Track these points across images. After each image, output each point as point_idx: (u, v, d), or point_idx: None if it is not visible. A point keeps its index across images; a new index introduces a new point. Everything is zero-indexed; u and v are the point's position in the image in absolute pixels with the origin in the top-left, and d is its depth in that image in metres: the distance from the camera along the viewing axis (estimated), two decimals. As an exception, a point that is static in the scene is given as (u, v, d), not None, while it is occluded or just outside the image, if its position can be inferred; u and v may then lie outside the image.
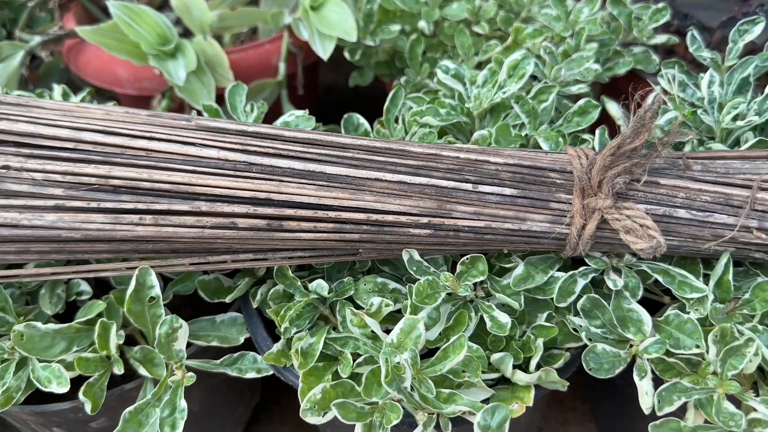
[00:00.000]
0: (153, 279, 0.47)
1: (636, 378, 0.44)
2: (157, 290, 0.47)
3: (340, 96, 1.14)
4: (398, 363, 0.41)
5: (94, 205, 0.45)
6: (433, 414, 0.43)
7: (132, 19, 0.63)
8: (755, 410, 0.42)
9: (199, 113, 0.61)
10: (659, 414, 0.42)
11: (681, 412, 0.45)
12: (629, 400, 0.45)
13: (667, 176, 0.44)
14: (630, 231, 0.41)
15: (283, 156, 0.46)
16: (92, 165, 0.46)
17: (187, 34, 0.74)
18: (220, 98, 0.68)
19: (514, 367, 0.46)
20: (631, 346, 0.45)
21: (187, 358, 0.48)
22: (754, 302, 0.45)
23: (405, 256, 0.47)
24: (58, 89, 0.61)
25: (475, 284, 0.48)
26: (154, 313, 0.47)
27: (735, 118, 0.56)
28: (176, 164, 0.45)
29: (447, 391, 0.43)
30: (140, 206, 0.45)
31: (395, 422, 0.41)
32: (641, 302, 0.47)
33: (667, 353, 0.44)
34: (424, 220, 0.45)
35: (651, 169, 0.44)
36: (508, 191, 0.45)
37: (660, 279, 0.46)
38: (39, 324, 0.47)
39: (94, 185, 0.45)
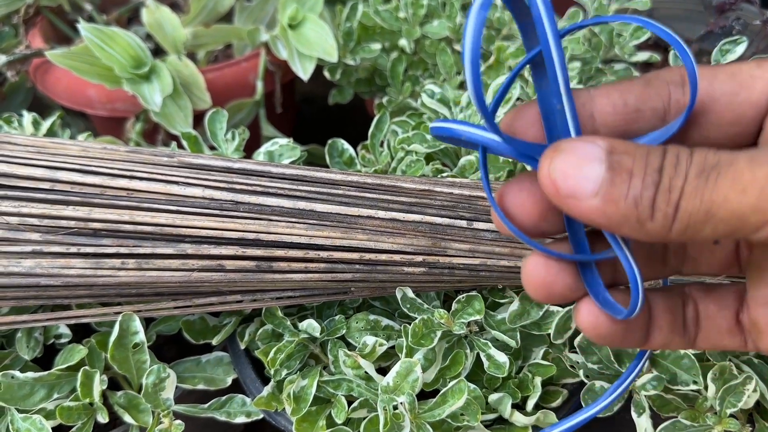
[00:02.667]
0: (137, 325, 0.45)
1: (634, 415, 0.43)
2: (141, 336, 0.45)
3: (319, 107, 1.12)
4: (396, 409, 0.40)
5: (73, 249, 0.43)
6: (432, 459, 0.42)
7: (104, 41, 0.61)
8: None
9: (177, 139, 0.59)
10: (659, 454, 0.42)
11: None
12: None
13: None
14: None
15: (272, 194, 0.44)
16: (70, 207, 0.43)
17: (158, 50, 0.72)
18: (197, 120, 0.65)
19: (513, 405, 0.45)
20: (628, 381, 0.45)
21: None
22: (749, 335, 0.45)
23: (399, 294, 0.46)
24: (28, 117, 0.58)
25: (469, 321, 0.47)
26: (138, 359, 0.45)
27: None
28: (159, 204, 0.44)
29: (446, 435, 0.42)
30: (122, 250, 0.43)
31: (395, 471, 0.40)
32: (636, 334, 0.46)
33: (665, 389, 0.44)
34: (419, 258, 0.44)
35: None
36: (502, 227, 0.44)
37: (656, 314, 0.45)
38: (17, 372, 0.44)
39: (72, 228, 0.43)
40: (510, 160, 0.56)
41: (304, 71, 0.66)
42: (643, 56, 0.71)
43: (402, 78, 0.71)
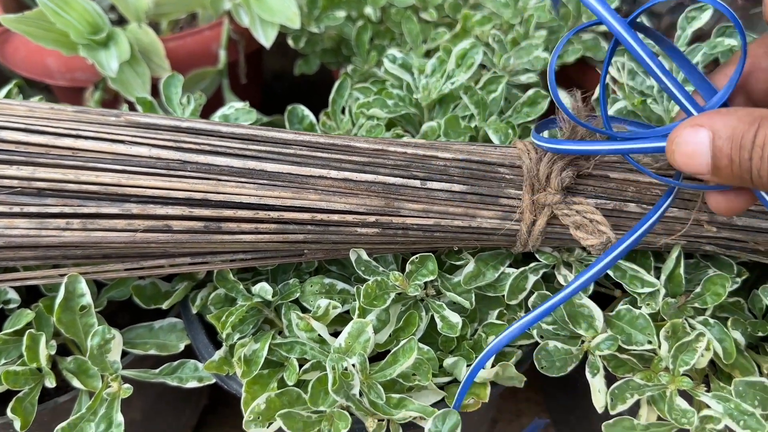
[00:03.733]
0: (83, 287, 0.44)
1: (588, 375, 0.43)
2: (87, 298, 0.44)
3: (289, 83, 1.10)
4: (346, 369, 0.40)
5: (16, 209, 0.42)
6: (383, 420, 0.42)
7: (59, 6, 0.59)
8: (708, 407, 0.42)
9: (132, 106, 0.58)
10: (612, 412, 0.42)
11: (635, 407, 0.44)
12: (582, 391, 0.44)
13: (617, 170, 0.43)
14: (580, 227, 0.41)
15: (221, 153, 0.43)
16: (14, 166, 0.42)
17: (121, 21, 0.70)
18: (157, 88, 0.64)
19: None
20: (583, 342, 0.44)
21: (124, 368, 0.45)
22: (705, 296, 0.44)
23: (352, 256, 0.45)
24: (-20, 84, 0.57)
25: (425, 283, 0.46)
26: (86, 322, 0.44)
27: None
28: (105, 164, 0.42)
29: (397, 396, 0.41)
30: (66, 210, 0.42)
31: (344, 431, 0.40)
32: (592, 296, 0.46)
33: (620, 349, 0.43)
34: (372, 218, 0.43)
35: (601, 163, 0.43)
36: (457, 187, 0.44)
37: (610, 273, 0.45)
38: (-39, 337, 0.43)
39: (16, 188, 0.42)
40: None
41: (266, 38, 0.65)
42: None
43: (368, 47, 0.70)
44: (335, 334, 0.44)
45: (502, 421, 0.71)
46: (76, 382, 0.45)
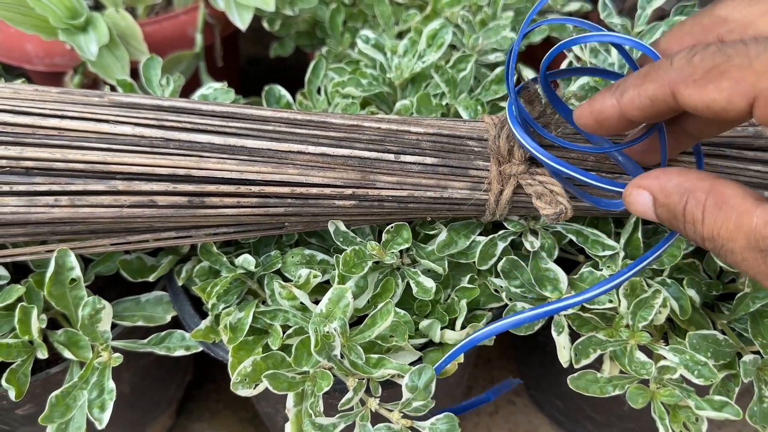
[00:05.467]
0: (73, 260, 0.46)
1: (554, 334, 0.46)
2: (77, 272, 0.46)
3: (266, 67, 1.12)
4: (327, 332, 0.42)
5: (6, 188, 0.43)
6: (363, 379, 0.44)
7: (37, -9, 0.60)
8: (665, 358, 0.45)
9: (113, 88, 0.59)
10: (577, 366, 0.45)
11: (598, 363, 0.47)
12: (551, 355, 0.47)
13: (578, 142, 0.46)
14: (540, 196, 0.43)
15: (202, 131, 0.45)
16: (2, 146, 0.44)
17: (98, 6, 0.71)
18: (135, 72, 0.66)
19: (442, 328, 0.47)
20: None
21: (113, 339, 0.47)
22: (662, 257, 0.47)
23: (331, 228, 0.48)
24: (-42, 68, 0.58)
25: (401, 252, 0.49)
26: (75, 295, 0.46)
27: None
28: (90, 143, 0.44)
29: (376, 356, 0.44)
30: (55, 187, 0.43)
31: (326, 389, 0.42)
32: (558, 261, 0.49)
33: (583, 309, 0.46)
34: (349, 191, 0.45)
35: (563, 135, 0.46)
36: (429, 160, 0.46)
37: (573, 239, 0.48)
38: (-46, 313, 0.45)
39: (5, 168, 0.43)
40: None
41: (242, 21, 0.67)
42: (575, 6, 0.73)
43: (341, 29, 0.72)
44: (316, 303, 0.47)
45: (477, 387, 0.74)
46: (67, 354, 0.47)
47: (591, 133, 0.41)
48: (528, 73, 0.63)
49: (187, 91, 0.59)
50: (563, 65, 0.60)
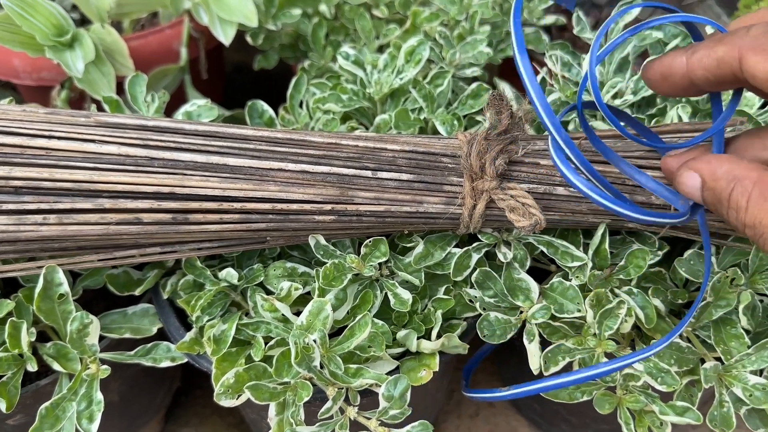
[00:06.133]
0: (61, 276, 0.47)
1: (525, 341, 0.48)
2: (65, 287, 0.47)
3: (252, 76, 1.13)
4: (307, 344, 0.44)
5: (-6, 207, 0.45)
6: (343, 388, 0.46)
7: (24, 10, 0.62)
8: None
9: (99, 104, 0.61)
10: (546, 374, 0.47)
11: (569, 369, 0.49)
12: (528, 359, 0.49)
13: (547, 157, 0.48)
14: (513, 210, 0.45)
15: (185, 149, 0.47)
16: (-10, 166, 0.45)
17: (84, 21, 0.72)
18: (122, 86, 0.67)
19: (419, 338, 0.49)
20: (521, 312, 0.49)
21: (101, 351, 0.49)
22: (629, 268, 0.49)
23: (311, 242, 0.49)
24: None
25: (380, 264, 0.51)
26: (64, 309, 0.48)
27: (615, 96, 0.60)
28: (77, 162, 0.46)
29: (355, 366, 0.46)
30: (43, 206, 0.45)
31: (306, 399, 0.44)
32: (532, 272, 0.51)
33: (553, 318, 0.48)
34: (328, 207, 0.47)
35: (533, 151, 0.48)
36: (405, 176, 0.48)
37: (544, 250, 0.50)
38: (-55, 328, 0.46)
39: (-7, 187, 0.45)
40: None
41: (225, 36, 0.68)
42: (551, 19, 0.75)
43: (323, 43, 0.74)
44: (298, 314, 0.48)
45: (459, 390, 0.76)
46: (56, 366, 0.48)
47: (653, 88, 0.42)
48: (504, 86, 0.65)
49: (172, 104, 0.61)
50: (538, 78, 0.62)
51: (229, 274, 0.49)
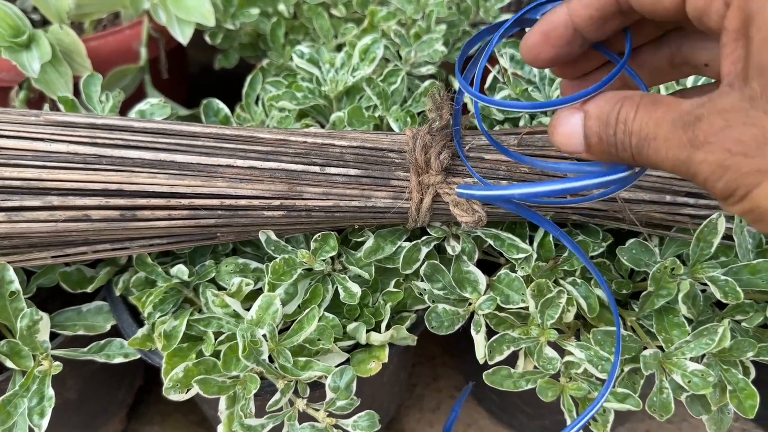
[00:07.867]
0: (11, 274, 0.47)
1: (473, 332, 0.49)
2: (16, 285, 0.47)
3: (216, 76, 1.13)
4: (255, 338, 0.44)
5: (-59, 205, 0.45)
6: (292, 381, 0.47)
7: (-21, 10, 0.62)
8: (572, 354, 0.48)
9: (55, 104, 0.61)
10: (491, 363, 0.48)
11: (515, 360, 0.50)
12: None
13: (491, 152, 0.49)
14: (457, 205, 0.46)
15: (133, 147, 0.47)
16: (-63, 165, 0.45)
17: (45, 22, 0.72)
18: (79, 87, 0.67)
19: (369, 330, 0.50)
20: (470, 304, 0.50)
21: (55, 348, 0.49)
22: (573, 259, 0.51)
23: (262, 237, 0.50)
24: None
25: (332, 259, 0.52)
26: (15, 307, 0.48)
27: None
28: (26, 160, 0.46)
29: (304, 359, 0.46)
30: (-9, 204, 0.45)
31: (255, 392, 0.45)
32: (484, 265, 0.52)
33: (499, 308, 0.49)
34: (276, 202, 0.48)
35: (477, 146, 0.49)
36: (353, 171, 0.49)
37: (491, 243, 0.51)
38: None
39: (-60, 186, 0.45)
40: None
41: (183, 36, 0.69)
42: (506, 17, 0.76)
43: (282, 42, 0.74)
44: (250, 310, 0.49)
45: (420, 385, 0.77)
46: (9, 363, 0.49)
47: (531, 59, 0.38)
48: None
49: (132, 104, 0.61)
50: (489, 79, 0.63)
51: (180, 270, 0.50)
